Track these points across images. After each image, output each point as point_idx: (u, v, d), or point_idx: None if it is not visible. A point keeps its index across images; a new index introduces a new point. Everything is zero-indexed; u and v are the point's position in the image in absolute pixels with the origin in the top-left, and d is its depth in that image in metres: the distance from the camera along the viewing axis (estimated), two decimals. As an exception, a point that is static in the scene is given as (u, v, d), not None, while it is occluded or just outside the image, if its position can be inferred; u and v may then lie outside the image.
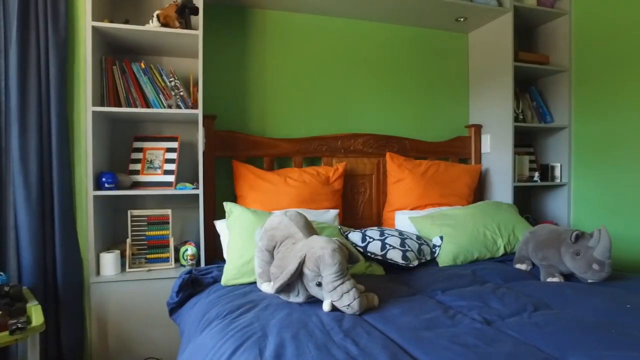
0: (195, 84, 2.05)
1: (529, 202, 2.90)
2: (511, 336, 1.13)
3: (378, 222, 2.44)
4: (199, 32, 1.94)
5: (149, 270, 1.91)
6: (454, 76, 2.80)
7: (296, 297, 1.37)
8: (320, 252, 1.28)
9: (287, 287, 1.36)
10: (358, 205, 2.43)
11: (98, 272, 1.86)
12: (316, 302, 1.35)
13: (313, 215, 2.02)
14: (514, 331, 1.16)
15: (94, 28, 1.83)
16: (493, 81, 2.61)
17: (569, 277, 1.70)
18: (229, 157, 2.22)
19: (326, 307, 1.29)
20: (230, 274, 1.62)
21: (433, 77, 2.75)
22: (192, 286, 1.67)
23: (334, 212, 2.09)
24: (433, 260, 1.94)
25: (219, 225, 1.98)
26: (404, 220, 2.21)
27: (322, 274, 1.28)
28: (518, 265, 1.86)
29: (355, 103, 2.55)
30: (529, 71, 2.66)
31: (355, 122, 2.54)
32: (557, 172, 2.67)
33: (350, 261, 1.40)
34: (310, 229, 1.48)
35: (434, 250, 1.94)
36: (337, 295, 1.27)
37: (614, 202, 2.40)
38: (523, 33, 2.93)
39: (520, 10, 2.56)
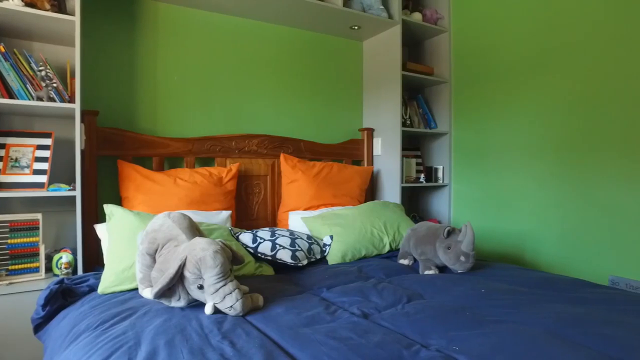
0: (73, 75, 1.87)
1: (416, 201, 3.13)
2: (384, 327, 1.20)
3: (273, 222, 2.46)
4: (76, 18, 1.77)
5: (10, 283, 1.69)
6: (349, 81, 2.92)
7: (177, 302, 1.32)
8: (201, 253, 1.25)
9: (167, 292, 1.30)
10: (253, 206, 2.41)
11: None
12: (199, 305, 1.31)
13: (204, 216, 1.96)
14: (387, 322, 1.24)
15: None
16: (384, 88, 2.77)
17: (443, 269, 1.86)
18: (114, 157, 2.07)
19: (208, 310, 1.25)
20: (108, 281, 1.51)
21: (329, 81, 2.84)
22: (62, 297, 1.51)
23: (226, 214, 2.06)
24: (323, 259, 2.00)
25: (99, 229, 1.83)
26: (297, 221, 2.25)
27: (203, 277, 1.24)
28: (401, 261, 1.99)
29: (252, 104, 2.54)
30: (416, 80, 2.87)
31: (251, 122, 2.53)
32: (440, 174, 2.92)
33: (235, 262, 1.39)
34: (194, 230, 1.44)
35: (324, 249, 2.00)
36: (219, 298, 1.24)
37: (485, 200, 2.69)
38: (413, 45, 3.16)
39: (408, 24, 2.76)
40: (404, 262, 1.97)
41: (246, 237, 1.90)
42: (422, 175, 2.85)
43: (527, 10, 2.44)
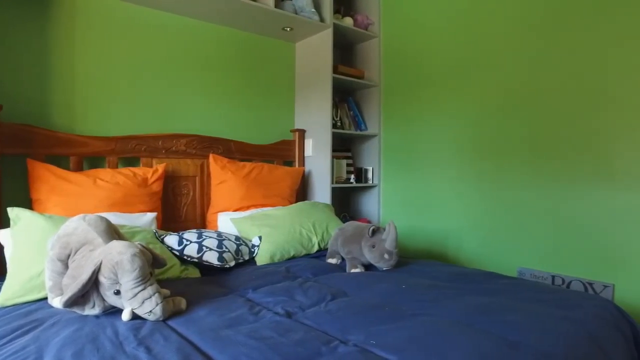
0: (-27, 66, 1.70)
1: (347, 201, 3.21)
2: (306, 325, 1.22)
3: (202, 224, 2.40)
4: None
5: None
6: (281, 82, 2.93)
7: (92, 310, 1.25)
8: (118, 257, 1.19)
9: (80, 299, 1.23)
10: (181, 208, 2.34)
11: None
12: (117, 312, 1.25)
13: (126, 219, 1.87)
14: (309, 320, 1.26)
15: None
16: (315, 90, 2.81)
17: (369, 267, 1.93)
18: (23, 155, 1.91)
19: (125, 316, 1.20)
20: (10, 292, 1.38)
21: (261, 82, 2.82)
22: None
23: (151, 216, 1.98)
24: (252, 260, 1.99)
25: (2, 235, 1.68)
26: (226, 222, 2.22)
27: (120, 281, 1.19)
28: (329, 260, 2.03)
29: (181, 103, 2.46)
30: (347, 83, 2.95)
31: (180, 122, 2.45)
32: (370, 175, 3.01)
33: (156, 266, 1.34)
34: (112, 234, 1.37)
35: (252, 250, 2.00)
36: (137, 303, 1.19)
37: (412, 200, 2.82)
38: (345, 48, 3.23)
39: (339, 28, 2.82)
40: (332, 261, 2.02)
41: (172, 240, 1.84)
42: (353, 176, 2.92)
43: (450, 24, 2.59)
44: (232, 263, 1.84)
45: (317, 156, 2.78)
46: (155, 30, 2.37)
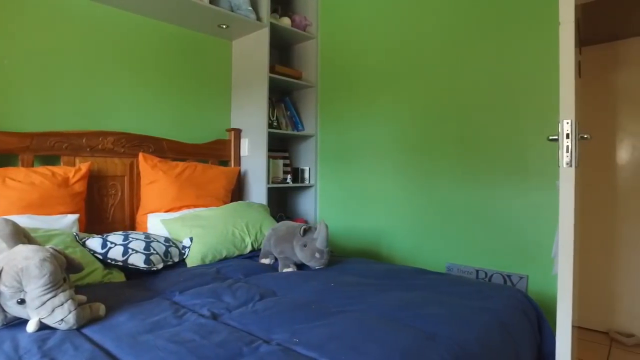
0: None
1: (284, 201, 3.21)
2: (231, 326, 1.21)
3: (131, 226, 2.30)
4: None
5: None
6: (217, 80, 2.87)
7: (-9, 322, 1.15)
8: (24, 263, 1.11)
9: (-23, 312, 1.13)
10: (107, 209, 2.23)
11: None
12: (22, 323, 1.16)
13: (43, 221, 1.75)
14: (235, 321, 1.24)
15: None
16: (252, 89, 2.78)
17: (301, 266, 1.94)
18: None
19: (31, 327, 1.12)
20: None
21: (197, 80, 2.75)
22: None
23: (72, 218, 1.86)
24: (182, 262, 1.93)
25: None
26: (156, 223, 2.14)
27: (25, 289, 1.11)
28: (263, 260, 2.02)
29: (108, 98, 2.34)
30: (284, 83, 2.95)
31: (107, 118, 2.33)
32: (307, 175, 3.03)
33: (72, 271, 1.27)
34: (20, 237, 1.27)
35: (183, 251, 1.94)
36: (46, 311, 1.12)
37: (348, 200, 2.87)
38: (283, 48, 3.23)
39: (276, 28, 2.82)
40: (265, 261, 2.01)
41: (94, 243, 1.74)
42: (289, 176, 2.93)
43: (384, 28, 2.67)
44: (160, 265, 1.78)
45: (253, 156, 2.76)
46: (82, 20, 2.23)
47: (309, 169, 3.04)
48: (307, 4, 3.09)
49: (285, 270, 1.85)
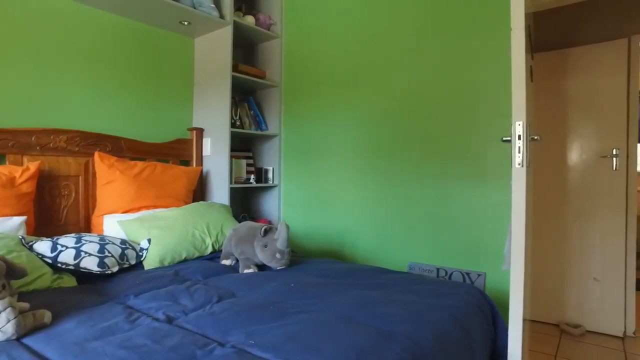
0: None
1: (248, 202, 3.18)
2: (186, 329, 1.18)
3: (87, 228, 2.21)
4: None
5: None
6: (179, 78, 2.80)
7: None
8: (-41, 269, 1.04)
9: None
10: (60, 211, 2.13)
11: None
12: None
13: (-14, 224, 1.66)
14: (190, 324, 1.22)
15: None
16: (215, 88, 2.74)
17: (263, 267, 1.92)
18: None
19: (-33, 337, 1.05)
20: None
21: (158, 77, 2.68)
22: None
23: (18, 220, 1.77)
24: (140, 264, 1.87)
25: None
26: (113, 225, 2.06)
27: (-39, 296, 1.04)
28: (224, 261, 1.99)
29: (62, 95, 2.23)
30: (248, 83, 2.91)
31: (59, 115, 2.22)
32: (270, 175, 3.01)
33: (13, 277, 1.20)
34: (-42, 241, 1.20)
35: (140, 253, 1.88)
36: (-16, 320, 1.06)
37: (312, 200, 2.87)
38: (247, 47, 3.19)
39: (240, 26, 2.78)
40: (226, 262, 1.98)
41: (43, 246, 1.66)
42: (253, 176, 2.90)
43: (348, 29, 2.69)
44: (116, 268, 1.72)
45: (216, 156, 2.71)
46: (32, 11, 2.12)
47: (273, 169, 3.02)
48: (271, 3, 3.07)
49: (246, 271, 1.83)
